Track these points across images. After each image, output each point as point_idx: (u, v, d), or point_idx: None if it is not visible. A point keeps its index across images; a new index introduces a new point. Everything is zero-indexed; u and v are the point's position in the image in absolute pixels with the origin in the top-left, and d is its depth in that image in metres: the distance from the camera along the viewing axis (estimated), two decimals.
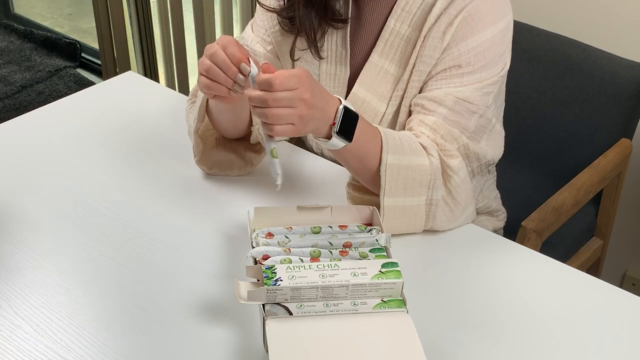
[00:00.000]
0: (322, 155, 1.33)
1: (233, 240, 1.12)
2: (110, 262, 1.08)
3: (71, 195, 1.21)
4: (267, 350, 0.88)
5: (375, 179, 1.10)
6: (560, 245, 1.62)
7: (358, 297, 0.92)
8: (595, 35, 1.83)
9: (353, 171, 1.13)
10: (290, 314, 0.91)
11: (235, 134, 1.25)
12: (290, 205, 1.06)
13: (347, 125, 1.05)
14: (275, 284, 0.90)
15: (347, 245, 1.00)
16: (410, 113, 1.21)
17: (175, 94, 1.52)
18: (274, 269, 0.92)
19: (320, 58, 1.26)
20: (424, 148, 1.12)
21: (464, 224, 1.18)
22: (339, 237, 1.01)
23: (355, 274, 0.92)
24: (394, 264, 0.94)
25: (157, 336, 0.96)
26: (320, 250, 0.98)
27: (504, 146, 1.28)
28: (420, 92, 1.20)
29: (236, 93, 1.04)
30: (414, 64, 1.19)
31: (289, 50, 1.28)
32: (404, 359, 0.86)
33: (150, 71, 2.95)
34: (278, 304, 0.91)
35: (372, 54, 1.23)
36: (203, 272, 1.06)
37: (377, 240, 1.00)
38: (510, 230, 1.45)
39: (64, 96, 1.55)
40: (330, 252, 0.98)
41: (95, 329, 0.97)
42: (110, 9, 2.92)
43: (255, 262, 0.97)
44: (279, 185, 1.02)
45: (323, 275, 0.92)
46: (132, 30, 2.87)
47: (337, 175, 1.26)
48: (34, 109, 1.46)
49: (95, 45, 3.28)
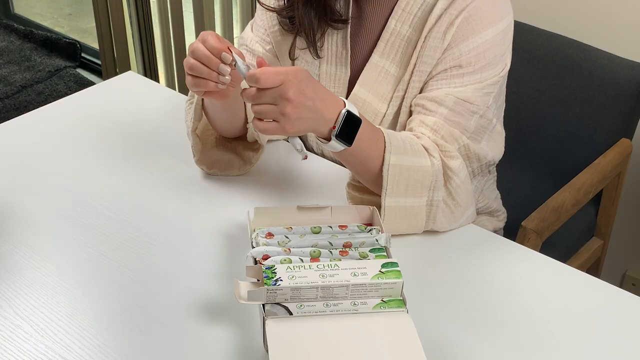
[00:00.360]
0: (323, 155, 1.33)
1: (233, 240, 1.12)
2: (110, 262, 1.08)
3: (71, 195, 1.21)
4: (267, 350, 0.88)
5: (377, 180, 1.10)
6: (560, 245, 1.62)
7: (358, 297, 0.92)
8: (595, 35, 1.83)
9: (354, 172, 1.13)
10: (290, 314, 0.91)
11: (233, 132, 1.25)
12: (290, 205, 1.06)
13: (349, 130, 1.04)
14: (275, 284, 0.90)
15: (347, 245, 1.00)
16: (410, 113, 1.21)
17: (175, 94, 1.52)
18: (274, 269, 0.92)
19: (319, 57, 1.26)
20: (425, 149, 1.12)
21: (464, 225, 1.18)
22: (339, 237, 1.01)
23: (355, 274, 0.92)
24: (394, 264, 0.94)
25: (157, 336, 0.96)
26: (320, 250, 0.98)
27: (504, 146, 1.28)
28: (420, 93, 1.20)
29: (224, 85, 1.04)
30: (415, 64, 1.19)
31: (289, 50, 1.28)
32: (404, 359, 0.87)
33: (150, 71, 2.95)
34: (278, 304, 0.90)
35: (373, 54, 1.23)
36: (203, 272, 1.06)
37: (377, 240, 1.00)
38: (510, 230, 1.45)
39: (64, 96, 1.55)
40: (330, 252, 0.98)
41: (95, 329, 0.97)
42: (110, 9, 2.91)
43: (255, 262, 0.97)
44: (305, 156, 1.04)
45: (323, 275, 0.91)
46: (132, 30, 2.87)
47: (337, 175, 1.26)
48: (34, 109, 1.46)
49: (95, 45, 3.28)
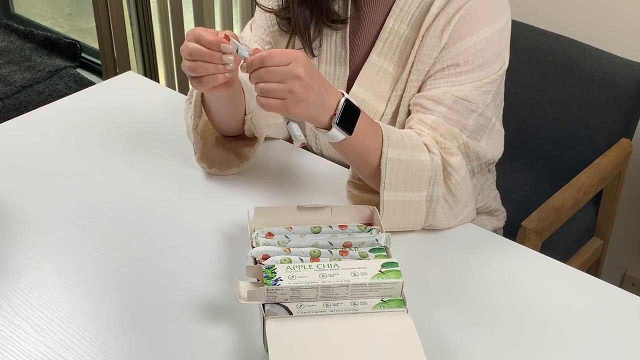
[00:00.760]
0: (322, 155, 1.33)
1: (233, 240, 1.12)
2: (110, 262, 1.08)
3: (71, 195, 1.21)
4: (267, 350, 0.88)
5: (376, 175, 1.11)
6: (560, 245, 1.62)
7: (358, 297, 0.92)
8: (595, 35, 1.83)
9: (353, 165, 1.13)
10: (290, 313, 0.91)
11: (233, 126, 1.24)
12: (290, 205, 1.06)
13: (348, 118, 1.05)
14: (275, 284, 0.90)
15: (347, 245, 1.00)
16: (409, 112, 1.21)
17: (175, 94, 1.52)
18: (274, 269, 0.92)
19: (313, 56, 1.26)
20: (425, 145, 1.12)
21: (463, 222, 1.18)
22: (339, 237, 1.01)
23: (355, 273, 0.92)
24: (394, 264, 0.94)
25: (157, 336, 0.96)
26: (320, 250, 0.98)
27: (504, 146, 1.28)
28: (419, 92, 1.20)
29: (230, 74, 1.05)
30: (413, 63, 1.19)
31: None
32: (404, 359, 0.86)
33: (150, 71, 2.95)
34: (278, 303, 0.90)
35: (371, 54, 1.23)
36: (203, 272, 1.06)
37: (377, 240, 1.00)
38: (510, 230, 1.45)
39: (64, 96, 1.55)
40: (330, 252, 0.98)
41: (95, 329, 0.97)
42: (110, 9, 2.91)
43: (255, 262, 0.97)
44: (303, 143, 1.05)
45: (323, 275, 0.91)
46: (132, 30, 2.87)
47: (337, 175, 1.26)
48: (34, 109, 1.46)
49: (95, 45, 3.28)
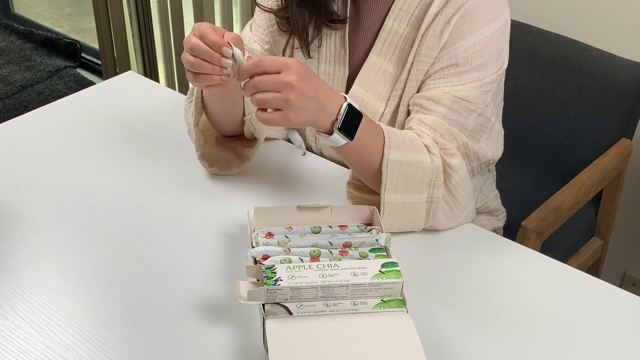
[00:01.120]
0: (322, 155, 1.33)
1: (233, 240, 1.12)
2: (111, 262, 1.08)
3: (71, 195, 1.21)
4: (267, 350, 0.88)
5: (377, 177, 1.11)
6: (560, 245, 1.62)
7: (358, 297, 0.92)
8: (595, 35, 1.83)
9: (354, 168, 1.13)
10: (290, 313, 0.91)
11: (233, 125, 1.24)
12: (290, 205, 1.06)
13: (350, 123, 1.05)
14: (275, 284, 0.90)
15: (347, 245, 1.00)
16: (408, 112, 1.21)
17: (175, 94, 1.52)
18: (274, 269, 0.92)
19: (310, 57, 1.26)
20: (425, 147, 1.12)
21: (463, 223, 1.18)
22: (339, 237, 1.01)
23: (355, 273, 0.92)
24: (394, 264, 0.94)
25: (157, 336, 0.96)
26: (320, 250, 0.98)
27: (504, 146, 1.28)
28: (418, 92, 1.20)
29: (227, 77, 1.05)
30: (412, 63, 1.19)
31: (284, 49, 1.28)
32: (404, 359, 0.87)
33: (150, 71, 2.95)
34: (278, 303, 0.91)
35: (371, 53, 1.23)
36: (203, 272, 1.06)
37: (377, 240, 1.00)
38: (510, 230, 1.45)
39: (64, 96, 1.55)
40: (330, 252, 0.98)
41: (95, 329, 0.97)
42: (110, 9, 2.92)
43: (255, 262, 0.97)
44: (304, 152, 1.06)
45: (323, 275, 0.92)
46: (132, 30, 2.88)
47: (337, 175, 1.26)
48: (34, 109, 1.46)
49: (95, 45, 3.28)
